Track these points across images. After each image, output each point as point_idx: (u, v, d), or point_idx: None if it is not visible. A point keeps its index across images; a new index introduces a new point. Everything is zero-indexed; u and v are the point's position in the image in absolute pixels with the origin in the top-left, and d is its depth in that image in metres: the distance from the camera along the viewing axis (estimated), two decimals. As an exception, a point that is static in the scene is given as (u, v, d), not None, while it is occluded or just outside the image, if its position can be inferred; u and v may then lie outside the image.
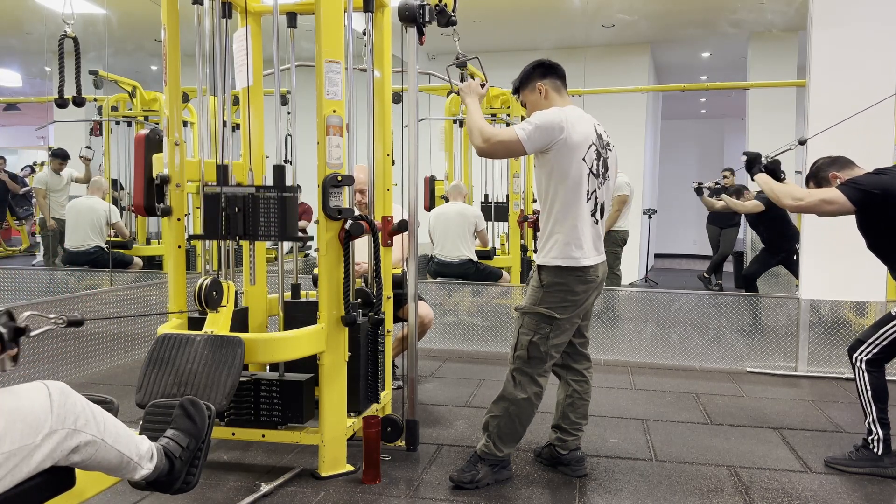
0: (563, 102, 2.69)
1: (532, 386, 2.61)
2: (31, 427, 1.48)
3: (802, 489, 2.67)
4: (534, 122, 2.52)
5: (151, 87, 6.86)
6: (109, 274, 5.85)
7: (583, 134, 2.55)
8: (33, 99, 8.27)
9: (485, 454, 2.66)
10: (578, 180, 2.53)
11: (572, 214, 2.54)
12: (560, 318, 2.56)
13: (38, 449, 1.48)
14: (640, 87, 8.75)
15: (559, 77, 2.72)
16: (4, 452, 1.42)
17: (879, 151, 4.33)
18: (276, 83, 2.92)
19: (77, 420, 1.57)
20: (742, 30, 8.65)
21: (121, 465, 1.68)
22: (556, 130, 2.50)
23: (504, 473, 2.69)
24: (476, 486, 2.61)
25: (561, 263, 2.54)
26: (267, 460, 2.88)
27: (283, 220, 2.56)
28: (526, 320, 2.60)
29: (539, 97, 2.70)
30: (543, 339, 2.57)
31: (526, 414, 2.63)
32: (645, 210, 9.52)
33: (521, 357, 2.60)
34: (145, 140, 2.78)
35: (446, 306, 5.20)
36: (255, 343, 2.49)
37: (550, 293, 2.56)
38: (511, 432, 2.64)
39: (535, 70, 2.71)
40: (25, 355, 3.64)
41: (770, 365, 4.54)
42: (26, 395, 1.51)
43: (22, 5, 7.04)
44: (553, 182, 2.56)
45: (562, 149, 2.51)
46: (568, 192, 2.54)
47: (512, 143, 2.53)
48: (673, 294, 5.06)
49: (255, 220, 2.57)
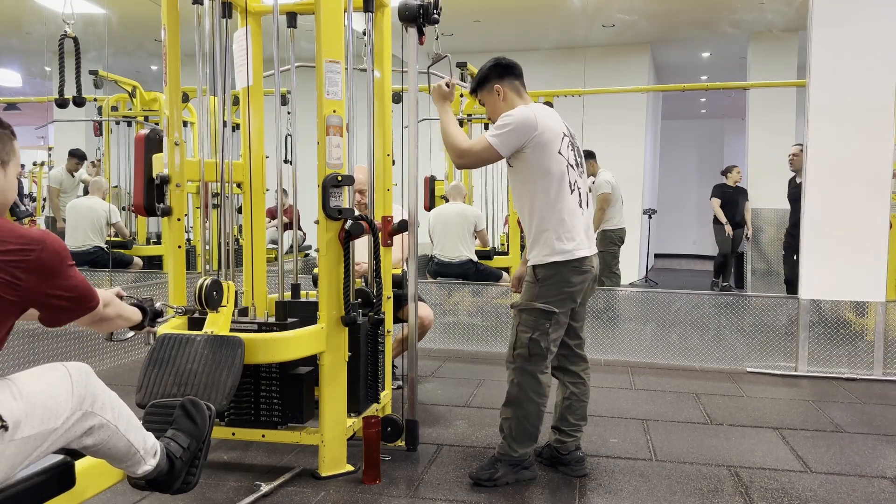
0: (523, 102, 2.67)
1: (535, 385, 2.59)
2: (52, 411, 1.49)
3: (802, 489, 2.67)
4: (504, 124, 2.51)
5: (151, 87, 6.86)
6: (109, 274, 5.85)
7: (555, 128, 2.55)
8: (33, 99, 8.26)
9: (501, 455, 2.65)
10: (560, 174, 2.53)
11: (559, 208, 2.53)
12: (558, 313, 2.56)
13: (55, 432, 1.50)
14: (640, 87, 8.74)
15: (517, 76, 2.70)
16: (25, 436, 1.43)
17: (879, 151, 4.34)
18: (276, 83, 2.92)
19: (95, 402, 1.58)
20: (742, 30, 8.64)
21: (127, 456, 1.68)
22: (530, 128, 2.49)
23: (525, 474, 2.66)
24: (494, 483, 2.60)
25: (556, 259, 2.53)
26: (267, 460, 2.88)
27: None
28: (524, 317, 2.58)
29: (497, 99, 2.67)
30: (543, 334, 2.55)
31: (534, 414, 2.61)
32: (645, 210, 9.51)
33: (522, 355, 2.58)
34: (145, 140, 2.78)
35: (446, 306, 5.20)
36: (255, 343, 2.49)
37: (546, 287, 2.55)
38: (524, 433, 2.63)
39: (491, 71, 2.68)
40: (25, 355, 3.64)
41: (770, 365, 4.54)
42: (47, 380, 1.52)
43: (22, 5, 7.04)
44: (534, 180, 2.54)
45: (538, 145, 2.50)
46: (552, 188, 2.52)
47: (486, 152, 2.53)
48: (673, 294, 5.06)
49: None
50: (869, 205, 4.23)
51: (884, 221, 4.39)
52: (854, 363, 4.44)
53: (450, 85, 2.72)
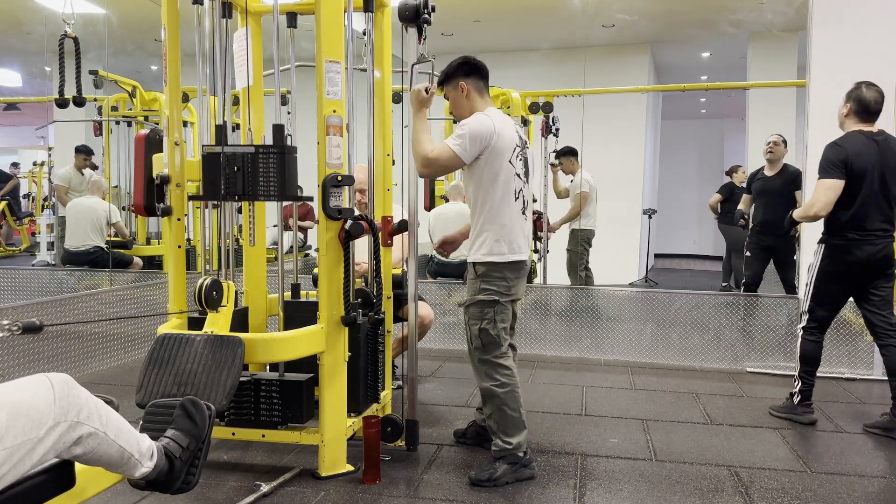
0: (484, 104, 2.80)
1: (499, 369, 2.70)
2: (34, 421, 1.48)
3: (802, 489, 2.67)
4: (466, 133, 2.63)
5: (151, 87, 6.86)
6: (109, 274, 5.85)
7: (508, 138, 2.70)
8: (33, 99, 8.28)
9: (497, 452, 2.70)
10: (507, 182, 2.68)
11: (503, 213, 2.68)
12: (500, 301, 2.69)
13: (41, 442, 1.48)
14: (640, 87, 8.75)
15: (482, 78, 2.82)
16: (8, 448, 1.42)
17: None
18: (276, 83, 2.92)
19: (80, 412, 1.57)
20: (742, 30, 8.65)
21: (122, 461, 1.68)
22: (488, 137, 2.64)
23: (525, 472, 2.69)
24: (494, 484, 2.62)
25: (492, 259, 2.68)
26: (267, 460, 2.88)
27: (283, 180, 2.55)
28: (471, 311, 2.72)
29: (460, 95, 2.78)
30: (491, 322, 2.68)
31: (510, 398, 2.69)
32: (645, 210, 9.50)
33: (478, 347, 2.71)
34: (145, 140, 2.78)
35: (446, 306, 5.20)
36: (255, 343, 2.49)
37: (486, 281, 2.70)
38: (508, 421, 2.68)
39: (460, 67, 2.78)
40: (25, 355, 3.64)
41: (770, 365, 4.54)
42: (28, 389, 1.51)
43: (22, 5, 7.05)
44: (484, 185, 2.67)
45: (492, 153, 2.64)
46: (497, 194, 2.67)
47: (451, 161, 2.66)
48: (673, 294, 5.06)
49: (254, 180, 2.54)
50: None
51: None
52: (854, 363, 4.44)
53: (429, 91, 2.76)
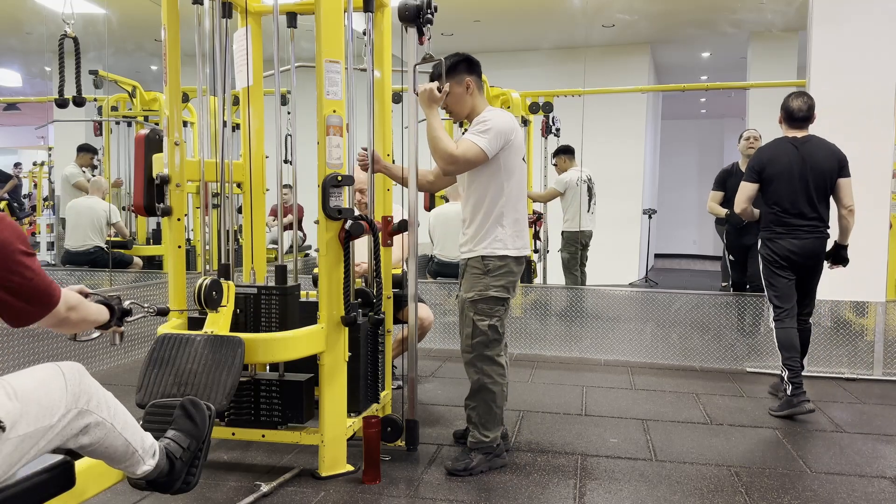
0: (483, 101, 2.84)
1: (495, 367, 2.74)
2: (47, 409, 1.48)
3: (802, 489, 2.67)
4: (491, 128, 2.64)
5: (151, 87, 6.85)
6: (109, 274, 5.85)
7: (522, 136, 2.76)
8: (33, 99, 8.27)
9: (474, 444, 2.77)
10: (521, 178, 2.76)
11: (518, 208, 2.74)
12: (509, 298, 2.75)
13: (52, 429, 1.49)
14: (640, 87, 8.74)
15: (479, 76, 2.84)
16: (20, 435, 1.43)
17: (879, 151, 4.34)
18: (276, 83, 2.92)
19: (90, 401, 1.58)
20: (742, 30, 8.64)
21: (125, 455, 1.68)
22: (509, 132, 2.67)
23: (497, 461, 2.81)
24: (470, 473, 2.72)
25: (508, 253, 2.71)
26: (267, 460, 2.88)
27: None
28: (480, 307, 2.71)
29: (464, 91, 2.78)
30: (500, 320, 2.73)
31: (499, 395, 2.76)
32: (645, 210, 9.50)
33: (482, 342, 2.71)
34: (145, 140, 2.78)
35: (446, 306, 5.20)
36: (255, 343, 2.49)
37: (497, 277, 2.70)
38: (491, 417, 2.77)
39: (461, 63, 2.77)
40: (25, 354, 3.64)
41: (770, 365, 4.53)
42: (40, 378, 1.52)
43: (22, 5, 7.04)
44: (499, 179, 2.69)
45: (511, 149, 2.68)
46: (514, 188, 2.71)
47: (478, 157, 2.65)
48: (673, 294, 5.06)
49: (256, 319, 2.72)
50: (869, 205, 4.22)
51: (884, 221, 4.39)
52: (854, 363, 4.44)
53: (440, 90, 2.72)
